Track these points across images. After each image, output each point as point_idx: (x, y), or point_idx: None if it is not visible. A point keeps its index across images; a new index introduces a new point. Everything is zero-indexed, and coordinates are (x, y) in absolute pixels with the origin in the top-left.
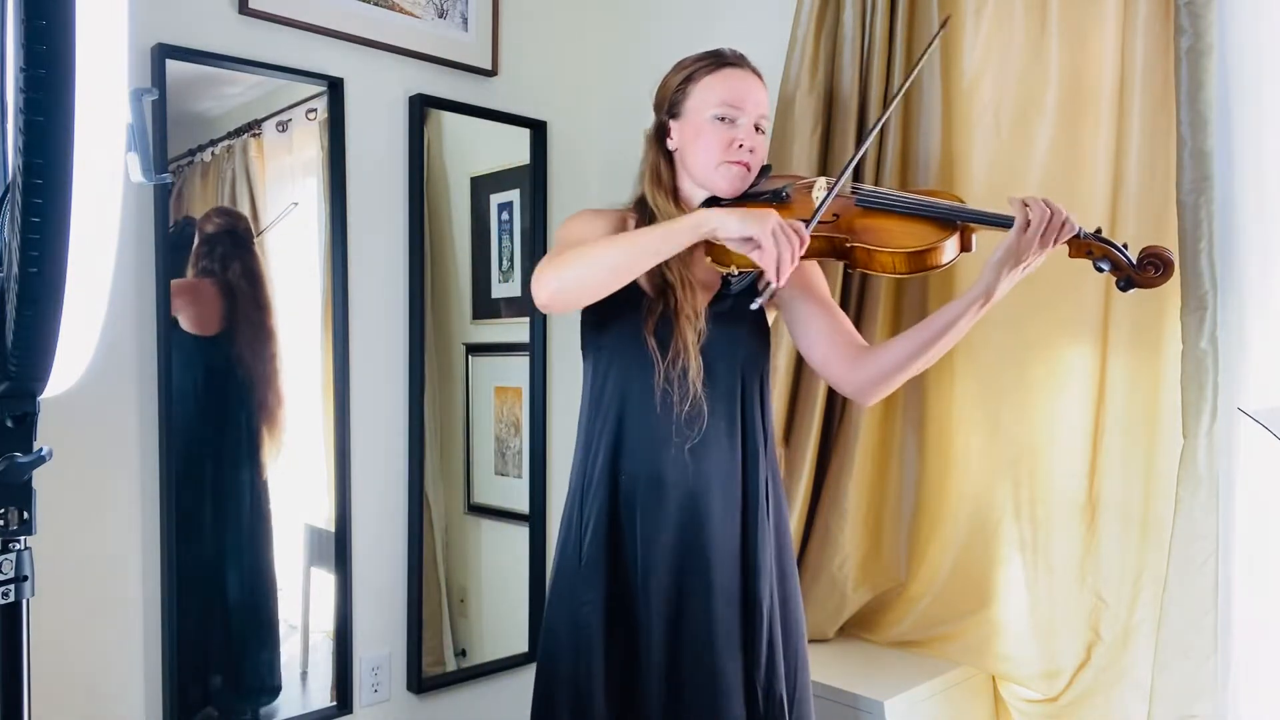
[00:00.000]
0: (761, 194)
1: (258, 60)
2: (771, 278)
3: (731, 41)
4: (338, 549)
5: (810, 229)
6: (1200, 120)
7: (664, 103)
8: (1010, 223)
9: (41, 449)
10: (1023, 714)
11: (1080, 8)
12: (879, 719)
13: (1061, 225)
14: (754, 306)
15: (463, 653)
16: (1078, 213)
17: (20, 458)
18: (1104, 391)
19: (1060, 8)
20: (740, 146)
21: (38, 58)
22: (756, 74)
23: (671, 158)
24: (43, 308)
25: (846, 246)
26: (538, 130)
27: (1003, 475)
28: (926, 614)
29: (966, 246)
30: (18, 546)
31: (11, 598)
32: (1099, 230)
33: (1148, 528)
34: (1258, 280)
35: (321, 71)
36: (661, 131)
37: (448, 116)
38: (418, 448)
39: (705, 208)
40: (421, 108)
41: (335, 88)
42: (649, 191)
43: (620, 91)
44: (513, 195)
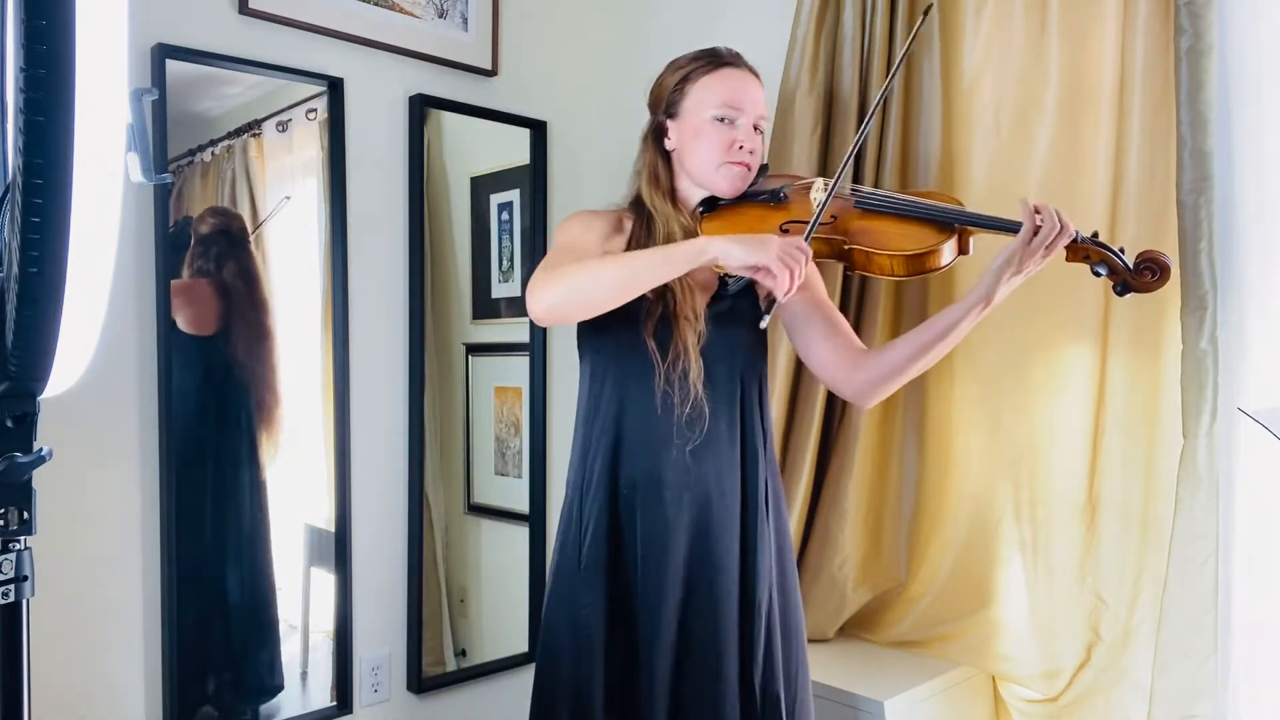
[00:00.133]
0: (759, 194)
1: (258, 60)
2: (780, 296)
3: (731, 41)
4: (338, 549)
5: (809, 238)
6: (1200, 120)
7: (660, 102)
8: (1009, 227)
9: (41, 449)
10: (1023, 714)
11: (1080, 8)
12: (879, 719)
13: (1062, 233)
14: (763, 325)
15: (463, 653)
16: (1078, 213)
17: (20, 458)
18: (1104, 392)
19: (1060, 8)
20: (740, 148)
21: (38, 58)
22: (754, 73)
23: (669, 158)
24: (43, 308)
25: (845, 249)
26: (538, 130)
27: (1003, 475)
28: (926, 614)
29: (964, 249)
30: (18, 546)
31: (11, 598)
32: (1096, 234)
33: (1148, 528)
34: (1258, 280)
35: (321, 71)
36: (659, 132)
37: (448, 116)
38: (418, 448)
39: (705, 212)
40: (421, 108)
41: (335, 88)
42: (646, 192)
43: (620, 91)
44: (513, 195)
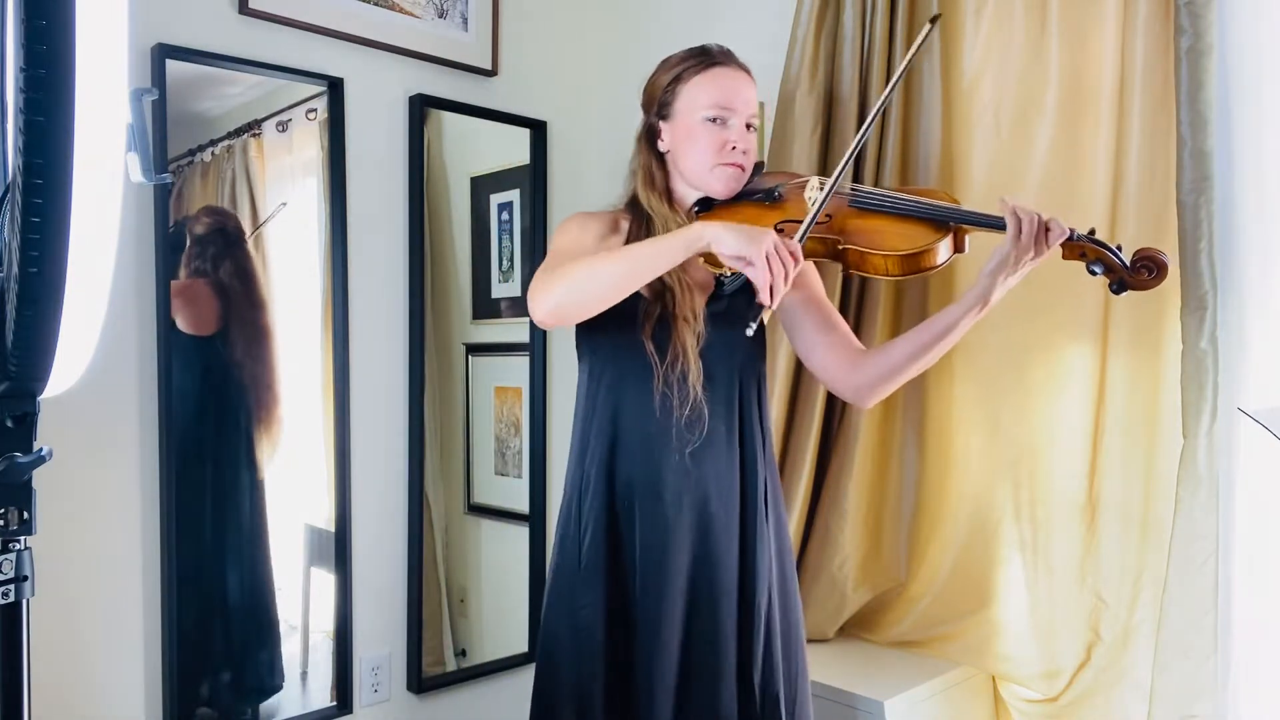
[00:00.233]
0: (754, 193)
1: (258, 60)
2: (764, 299)
3: (731, 41)
4: (338, 549)
5: (802, 240)
6: (1200, 120)
7: (652, 104)
8: (1002, 224)
9: (41, 449)
10: (1023, 714)
11: (1080, 8)
12: (879, 719)
13: (1047, 231)
14: (749, 333)
15: (463, 653)
16: (1078, 213)
17: (20, 458)
18: (1104, 392)
19: (1060, 8)
20: (733, 148)
21: (38, 58)
22: (745, 70)
23: (663, 159)
24: (43, 308)
25: (839, 249)
26: (538, 130)
27: (1003, 476)
28: (926, 614)
29: (960, 248)
30: (18, 546)
31: (11, 598)
32: (1093, 231)
33: (1148, 528)
34: (1258, 280)
35: (321, 71)
36: (651, 133)
37: (448, 116)
38: (418, 448)
39: (700, 212)
40: (421, 108)
41: (335, 88)
42: (642, 194)
43: (620, 91)
44: (513, 195)
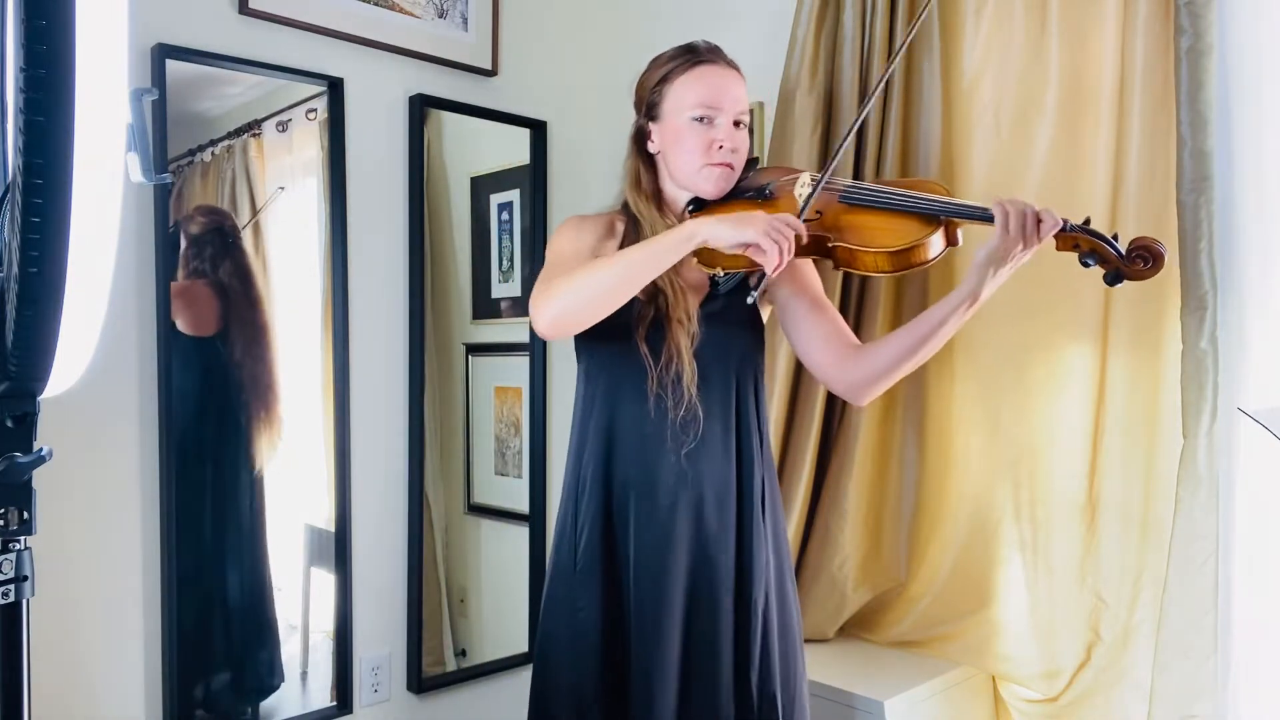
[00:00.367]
0: (746, 191)
1: (258, 60)
2: (770, 270)
3: (732, 41)
4: (338, 549)
5: (802, 216)
6: (1200, 120)
7: (642, 104)
8: (992, 216)
9: (41, 449)
10: (1023, 714)
11: (1080, 8)
12: (879, 719)
13: (1039, 222)
14: (750, 300)
15: (463, 653)
16: (1078, 213)
17: (20, 458)
18: (1104, 392)
19: (1060, 8)
20: (721, 148)
21: (38, 58)
22: (733, 67)
23: (652, 160)
24: (43, 308)
25: (829, 246)
26: (538, 130)
27: (1003, 476)
28: (926, 614)
29: (953, 241)
30: (18, 546)
31: (11, 598)
32: (1088, 220)
33: (1148, 528)
34: (1258, 280)
35: (321, 71)
36: (641, 135)
37: (448, 116)
38: (418, 448)
39: (692, 213)
40: (421, 108)
41: (335, 88)
42: (631, 197)
43: (620, 91)
44: (513, 195)
